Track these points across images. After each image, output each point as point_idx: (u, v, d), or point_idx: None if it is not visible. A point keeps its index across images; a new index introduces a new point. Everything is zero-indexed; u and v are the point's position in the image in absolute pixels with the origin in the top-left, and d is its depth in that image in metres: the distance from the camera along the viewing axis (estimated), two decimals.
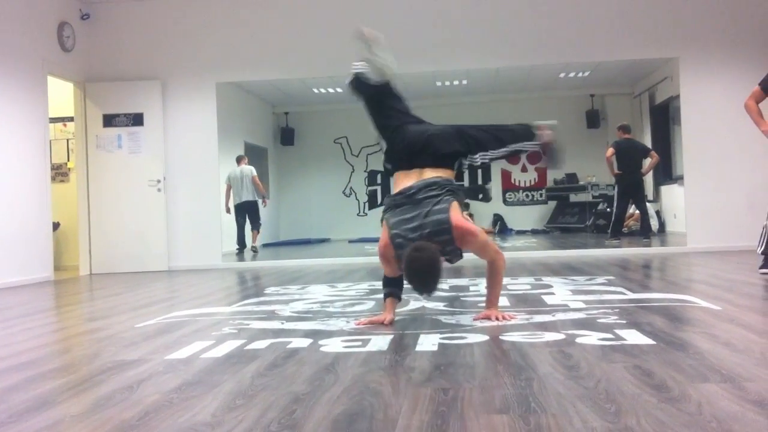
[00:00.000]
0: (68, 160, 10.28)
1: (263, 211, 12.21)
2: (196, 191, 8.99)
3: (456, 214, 3.57)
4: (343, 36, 8.95)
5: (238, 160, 11.83)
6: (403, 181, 3.77)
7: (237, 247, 11.59)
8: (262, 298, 5.22)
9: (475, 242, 3.61)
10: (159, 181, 8.88)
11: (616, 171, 10.19)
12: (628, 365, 2.56)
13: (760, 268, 5.50)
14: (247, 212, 11.74)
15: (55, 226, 9.33)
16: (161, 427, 2.03)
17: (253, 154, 13.75)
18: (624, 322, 3.50)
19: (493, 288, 3.79)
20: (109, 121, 8.94)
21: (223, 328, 3.81)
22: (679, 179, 10.93)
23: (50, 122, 8.76)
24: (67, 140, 10.25)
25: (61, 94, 9.38)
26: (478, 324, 3.60)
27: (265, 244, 13.91)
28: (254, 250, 11.80)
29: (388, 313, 3.75)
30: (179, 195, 8.96)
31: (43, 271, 7.96)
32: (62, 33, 8.53)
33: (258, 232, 11.99)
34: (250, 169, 11.72)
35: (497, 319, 3.67)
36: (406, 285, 3.62)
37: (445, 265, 3.59)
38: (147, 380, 2.66)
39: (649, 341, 2.98)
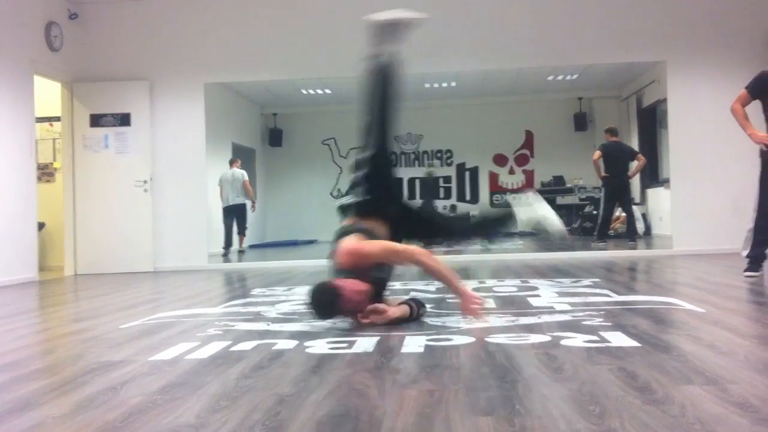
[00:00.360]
0: (54, 160, 10.22)
1: (250, 213, 12.26)
2: (183, 192, 8.95)
3: (347, 241, 3.63)
4: (332, 38, 8.98)
5: (231, 162, 11.99)
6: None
7: (223, 247, 11.61)
8: (248, 300, 5.21)
9: (376, 256, 3.60)
10: (146, 182, 8.84)
11: (603, 174, 10.24)
12: (613, 367, 2.56)
13: (745, 271, 5.54)
14: (235, 215, 11.87)
15: (41, 226, 9.27)
16: (145, 429, 2.02)
17: (241, 155, 13.71)
18: (609, 324, 3.51)
19: (440, 278, 3.70)
20: (96, 121, 8.90)
21: (208, 330, 3.80)
22: (665, 182, 10.99)
23: (36, 122, 8.71)
24: (54, 140, 10.19)
25: (48, 94, 9.32)
26: (464, 326, 3.60)
27: (252, 245, 13.88)
28: (241, 251, 11.93)
29: (392, 308, 3.72)
30: (166, 196, 8.93)
31: (28, 271, 7.91)
32: (50, 32, 8.49)
33: (244, 236, 12.11)
34: (241, 173, 11.87)
35: (468, 308, 3.61)
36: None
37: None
38: (131, 381, 2.64)
39: (634, 343, 2.99)
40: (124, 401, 2.34)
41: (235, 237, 11.88)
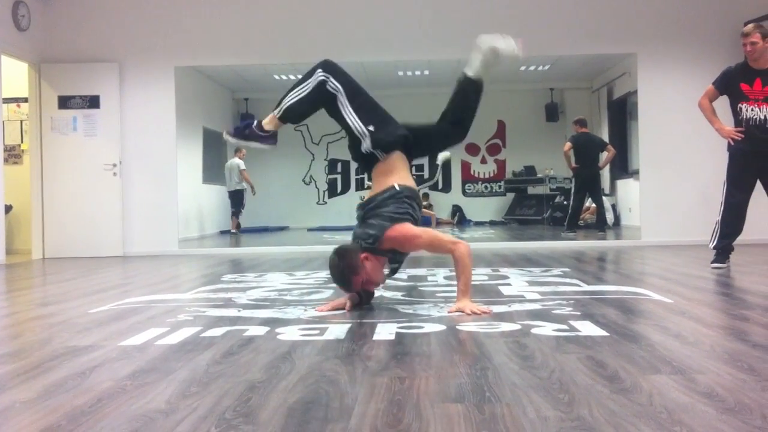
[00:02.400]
0: (22, 142, 10.07)
1: (251, 198, 13.59)
2: (152, 176, 8.87)
3: (406, 227, 3.67)
4: (305, 23, 8.93)
5: (235, 152, 13.20)
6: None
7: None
8: (218, 286, 5.18)
9: (420, 244, 3.66)
10: (115, 165, 8.75)
11: (573, 165, 10.32)
12: (582, 356, 2.59)
13: (712, 262, 5.62)
14: (231, 200, 13.41)
15: (8, 208, 9.15)
16: (114, 414, 2.01)
17: (212, 140, 13.62)
18: (578, 313, 3.54)
19: (458, 279, 3.72)
20: (65, 103, 8.77)
21: (178, 315, 3.78)
22: (634, 174, 11.10)
23: (3, 103, 8.58)
24: (21, 121, 10.03)
25: (15, 74, 9.17)
26: (435, 314, 3.62)
27: (222, 231, 13.82)
28: (232, 233, 13.11)
29: (350, 301, 3.77)
30: (135, 180, 8.84)
31: None
32: (17, 12, 8.34)
33: (235, 218, 13.36)
34: (238, 163, 13.17)
35: (469, 313, 3.54)
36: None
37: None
38: (100, 366, 2.62)
39: (603, 333, 3.02)
40: (93, 386, 2.32)
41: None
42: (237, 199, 13.32)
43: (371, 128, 3.85)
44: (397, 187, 3.77)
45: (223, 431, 1.84)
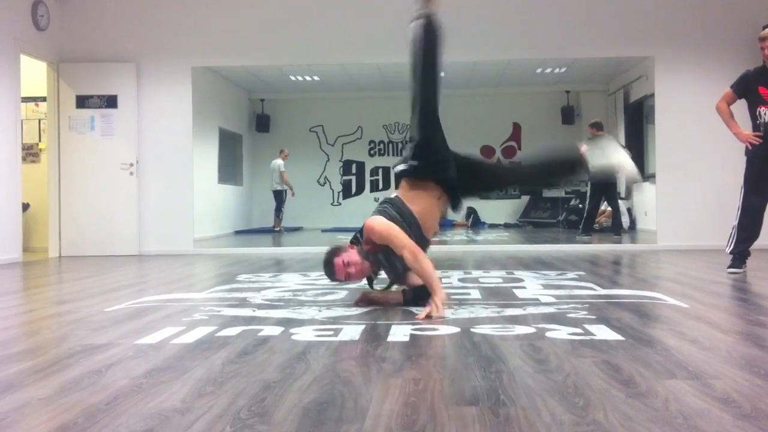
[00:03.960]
0: (39, 141, 10.14)
1: (290, 199, 14.13)
2: (169, 176, 8.91)
3: (372, 217, 3.85)
4: (322, 24, 8.95)
5: (279, 152, 13.93)
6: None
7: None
8: (233, 285, 5.20)
9: (379, 235, 3.75)
10: (131, 165, 8.79)
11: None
12: (597, 360, 2.58)
13: (729, 267, 5.58)
14: (274, 200, 13.96)
15: (25, 207, 9.21)
16: (130, 412, 2.02)
17: (228, 141, 13.69)
18: (593, 317, 3.53)
19: (424, 281, 3.80)
20: (82, 102, 8.83)
21: (193, 315, 3.79)
22: (651, 177, 11.04)
23: (22, 102, 8.64)
24: (39, 120, 10.11)
25: (34, 74, 9.24)
26: (450, 316, 3.61)
27: (237, 231, 13.87)
28: (276, 231, 13.71)
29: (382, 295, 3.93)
30: (151, 179, 8.88)
31: (12, 252, 7.85)
32: (36, 11, 8.40)
33: (278, 218, 13.92)
34: (278, 164, 13.75)
35: (429, 314, 3.54)
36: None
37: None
38: (116, 365, 2.64)
39: (618, 337, 3.01)
40: (109, 384, 2.34)
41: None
42: (277, 199, 13.88)
43: (416, 162, 3.99)
44: (394, 196, 3.97)
45: (237, 431, 1.84)
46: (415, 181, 4.00)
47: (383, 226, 3.77)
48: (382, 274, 4.09)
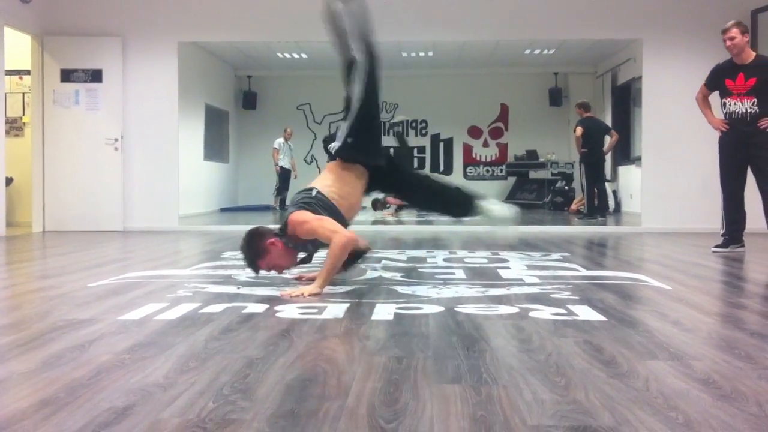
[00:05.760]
0: (23, 114, 10.04)
1: (251, 177, 14.41)
2: (154, 152, 8.85)
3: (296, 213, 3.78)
4: (310, 1, 8.85)
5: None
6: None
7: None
8: (218, 263, 5.19)
9: (307, 229, 3.71)
10: (116, 140, 8.73)
11: (582, 149, 10.28)
12: (579, 340, 2.60)
13: (714, 246, 5.85)
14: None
15: (8, 181, 9.13)
16: (112, 387, 2.02)
17: (214, 117, 13.60)
18: (576, 298, 3.55)
19: (324, 267, 3.75)
20: (67, 76, 8.74)
21: (177, 291, 3.78)
22: (636, 160, 11.08)
23: (6, 75, 8.54)
24: (23, 94, 10.00)
25: (18, 46, 9.13)
26: (434, 295, 3.63)
27: (223, 208, 13.82)
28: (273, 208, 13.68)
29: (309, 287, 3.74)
30: (137, 155, 8.82)
31: None
32: None
33: (276, 196, 13.74)
34: (276, 141, 13.61)
35: (297, 294, 3.57)
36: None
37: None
38: (99, 340, 2.63)
39: (601, 317, 3.03)
40: (92, 359, 2.33)
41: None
42: (279, 177, 13.62)
43: (350, 140, 3.99)
44: (314, 192, 3.91)
45: (220, 407, 1.85)
46: (347, 163, 4.04)
47: (311, 218, 3.72)
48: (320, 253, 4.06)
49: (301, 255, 3.96)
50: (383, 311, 3.19)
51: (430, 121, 15.58)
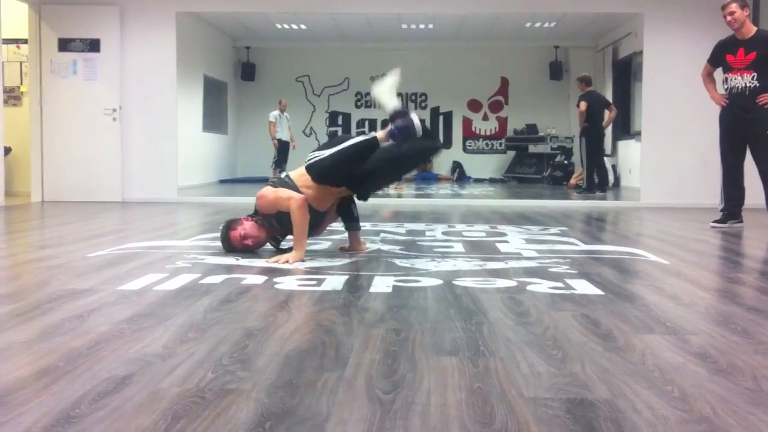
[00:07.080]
0: (21, 84, 9.99)
1: (250, 149, 14.01)
2: (152, 123, 8.81)
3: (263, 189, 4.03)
4: None
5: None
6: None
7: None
8: (217, 234, 5.17)
9: (268, 201, 3.93)
10: (114, 110, 8.69)
11: (584, 123, 10.24)
12: (576, 314, 2.61)
13: (713, 221, 5.87)
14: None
15: (7, 150, 9.11)
16: (111, 357, 2.03)
17: (213, 88, 13.52)
18: (574, 272, 3.56)
19: (294, 232, 3.89)
20: (65, 45, 8.68)
21: (177, 262, 3.79)
22: (636, 135, 11.06)
23: (3, 43, 8.48)
24: (21, 63, 9.94)
25: (16, 15, 9.05)
26: (432, 268, 3.64)
27: (222, 180, 13.80)
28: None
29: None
30: (135, 126, 8.78)
31: None
32: None
33: (274, 168, 13.08)
34: (271, 114, 13.15)
35: (282, 262, 3.74)
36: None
37: None
38: (98, 310, 2.64)
39: (598, 291, 3.04)
40: (91, 329, 2.34)
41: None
42: (278, 150, 13.17)
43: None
44: (283, 175, 4.20)
45: (219, 377, 1.86)
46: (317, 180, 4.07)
47: (268, 191, 3.96)
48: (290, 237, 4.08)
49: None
50: (382, 284, 3.20)
51: (430, 95, 15.52)
